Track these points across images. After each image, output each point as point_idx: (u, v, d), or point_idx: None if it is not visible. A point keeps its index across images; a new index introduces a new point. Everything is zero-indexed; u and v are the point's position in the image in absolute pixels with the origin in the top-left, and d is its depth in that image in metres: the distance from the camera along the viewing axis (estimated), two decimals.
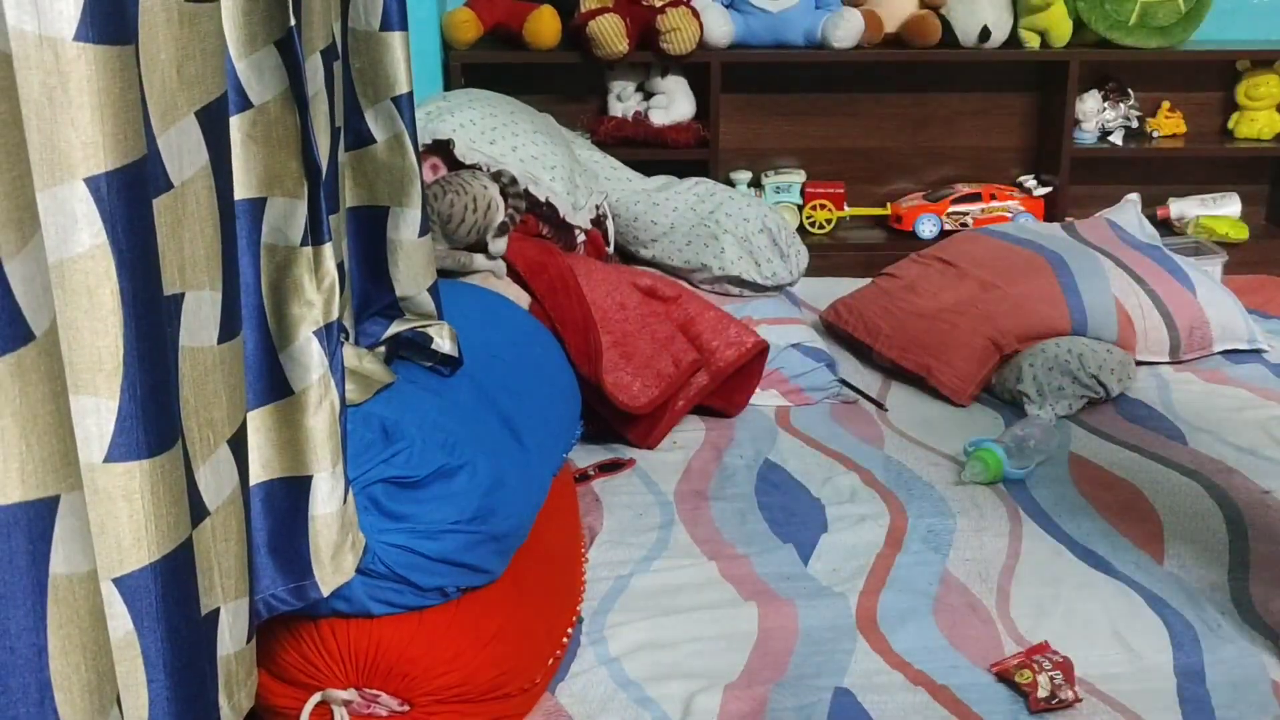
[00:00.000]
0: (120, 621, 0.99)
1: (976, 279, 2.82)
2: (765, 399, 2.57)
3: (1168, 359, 2.76)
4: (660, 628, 1.81)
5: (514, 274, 2.37)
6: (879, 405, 2.61)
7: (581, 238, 2.65)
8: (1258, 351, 2.84)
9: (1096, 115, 3.63)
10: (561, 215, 2.56)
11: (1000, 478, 2.24)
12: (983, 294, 2.75)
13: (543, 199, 2.52)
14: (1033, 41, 3.49)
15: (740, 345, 2.46)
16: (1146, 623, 1.82)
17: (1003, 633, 1.80)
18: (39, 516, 0.81)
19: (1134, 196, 3.34)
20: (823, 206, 3.65)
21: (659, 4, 3.31)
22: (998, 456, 2.24)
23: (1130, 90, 3.67)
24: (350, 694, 1.50)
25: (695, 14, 3.29)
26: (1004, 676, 1.67)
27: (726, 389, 2.48)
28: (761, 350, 2.49)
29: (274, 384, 1.29)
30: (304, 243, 1.28)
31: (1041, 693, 1.61)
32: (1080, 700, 1.63)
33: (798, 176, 3.68)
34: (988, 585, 1.92)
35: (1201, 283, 2.86)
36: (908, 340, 2.71)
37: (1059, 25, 3.47)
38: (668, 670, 1.71)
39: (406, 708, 1.52)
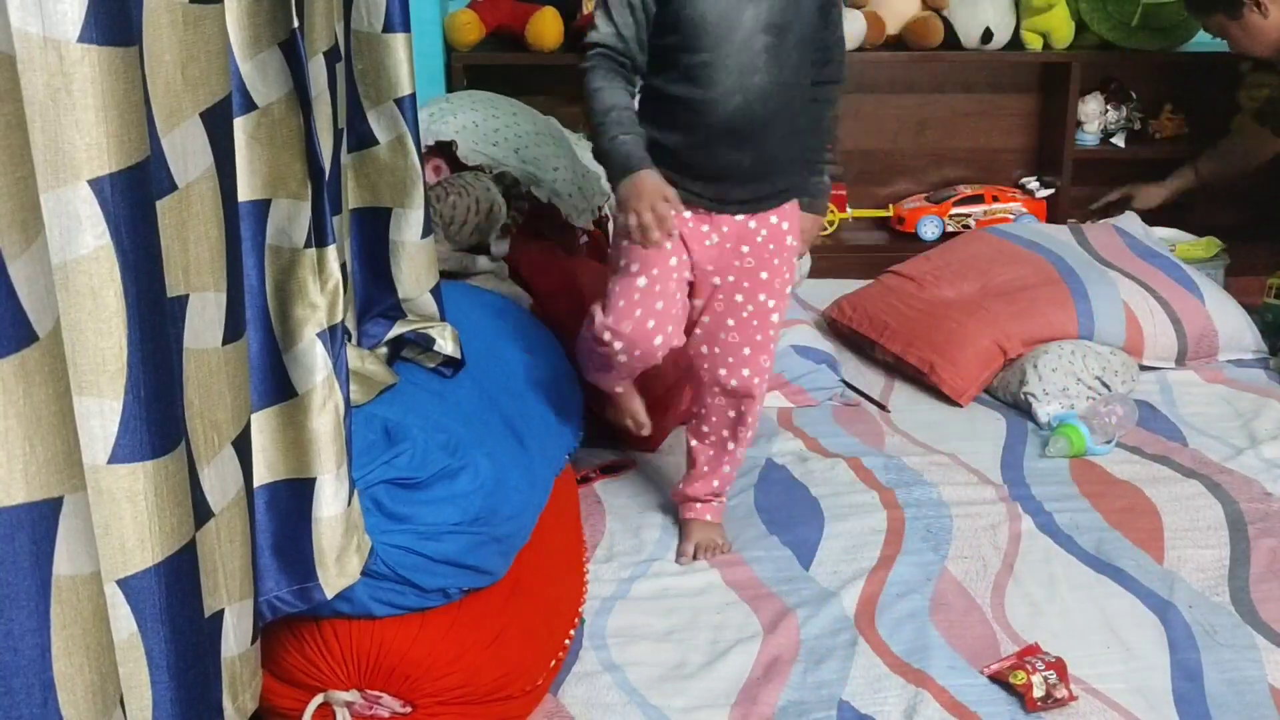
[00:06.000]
0: (124, 623, 0.99)
1: (984, 280, 2.81)
2: (768, 400, 2.56)
3: (1173, 365, 2.76)
4: (662, 632, 1.81)
5: (516, 275, 2.37)
6: (881, 407, 2.61)
7: (584, 239, 2.65)
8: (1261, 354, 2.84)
9: (1099, 117, 3.62)
10: (564, 216, 2.56)
11: (1083, 453, 2.27)
12: (990, 296, 2.75)
13: (545, 200, 2.51)
14: (1035, 43, 3.48)
15: None
16: (1144, 623, 1.82)
17: (999, 633, 1.80)
18: (42, 517, 0.81)
19: (1131, 215, 3.33)
20: None
21: None
22: (1081, 433, 2.27)
23: (1132, 92, 3.67)
24: (353, 695, 1.50)
25: None
26: (998, 679, 1.67)
27: None
28: None
29: (278, 386, 1.29)
30: (308, 244, 1.28)
31: (1037, 692, 1.61)
32: (1075, 699, 1.63)
33: None
34: (985, 585, 1.92)
35: (1210, 291, 2.85)
36: (912, 336, 2.71)
37: (1061, 27, 3.46)
38: (670, 675, 1.71)
39: (409, 709, 1.52)
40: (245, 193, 1.21)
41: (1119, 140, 3.66)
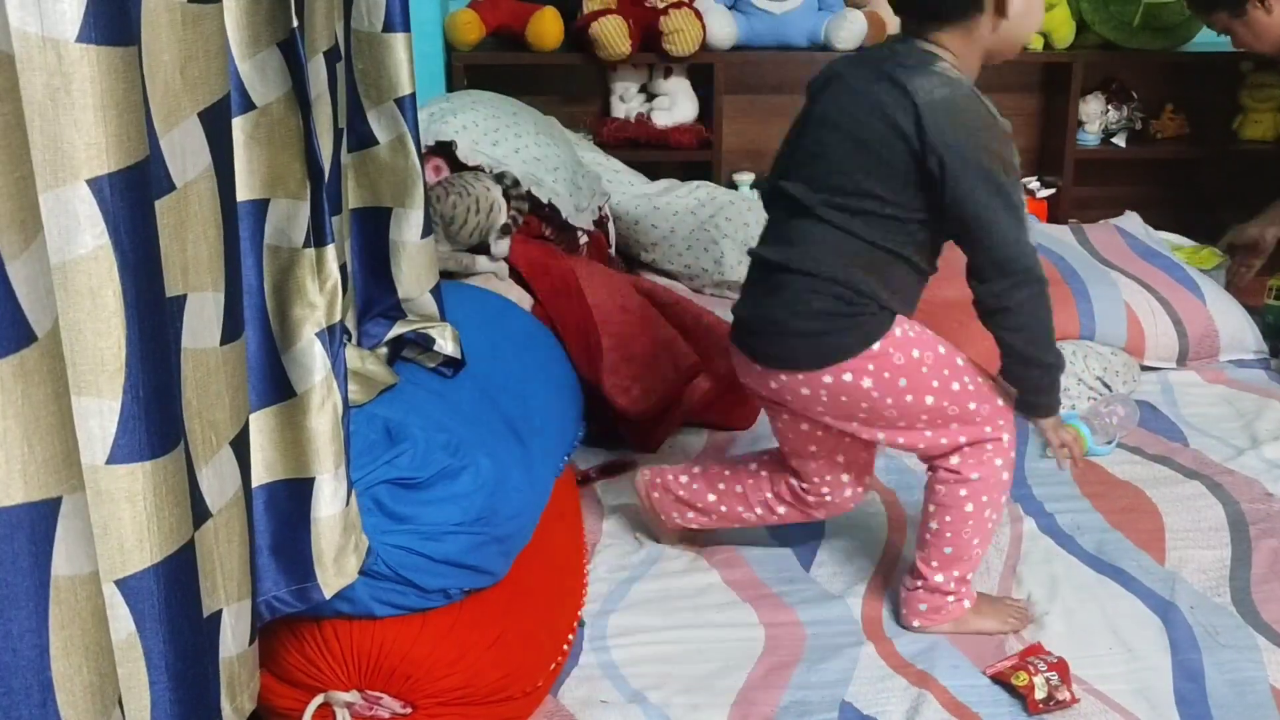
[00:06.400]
0: (122, 623, 0.99)
1: None
2: None
3: (1174, 366, 2.75)
4: (662, 632, 1.80)
5: (516, 276, 2.37)
6: None
7: (584, 239, 2.65)
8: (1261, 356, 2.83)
9: (1100, 117, 3.62)
10: (564, 217, 2.56)
11: (1084, 454, 2.28)
12: None
13: (545, 200, 2.51)
14: (1036, 43, 3.48)
15: None
16: (1145, 624, 1.82)
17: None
18: (41, 518, 0.81)
19: (1132, 215, 3.33)
20: None
21: (661, 5, 3.31)
22: (1082, 434, 2.27)
23: (1134, 92, 3.66)
24: (353, 696, 1.50)
25: (698, 15, 3.29)
26: (1000, 680, 1.67)
27: (728, 403, 2.47)
28: None
29: (277, 386, 1.29)
30: (307, 244, 1.28)
31: (1039, 694, 1.60)
32: (1078, 700, 1.63)
33: None
34: (987, 586, 1.92)
35: (1211, 292, 2.85)
36: None
37: (1062, 27, 3.46)
38: (670, 677, 1.70)
39: (409, 709, 1.52)
40: (244, 192, 1.21)
41: (1120, 140, 3.66)
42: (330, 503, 1.33)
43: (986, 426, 1.73)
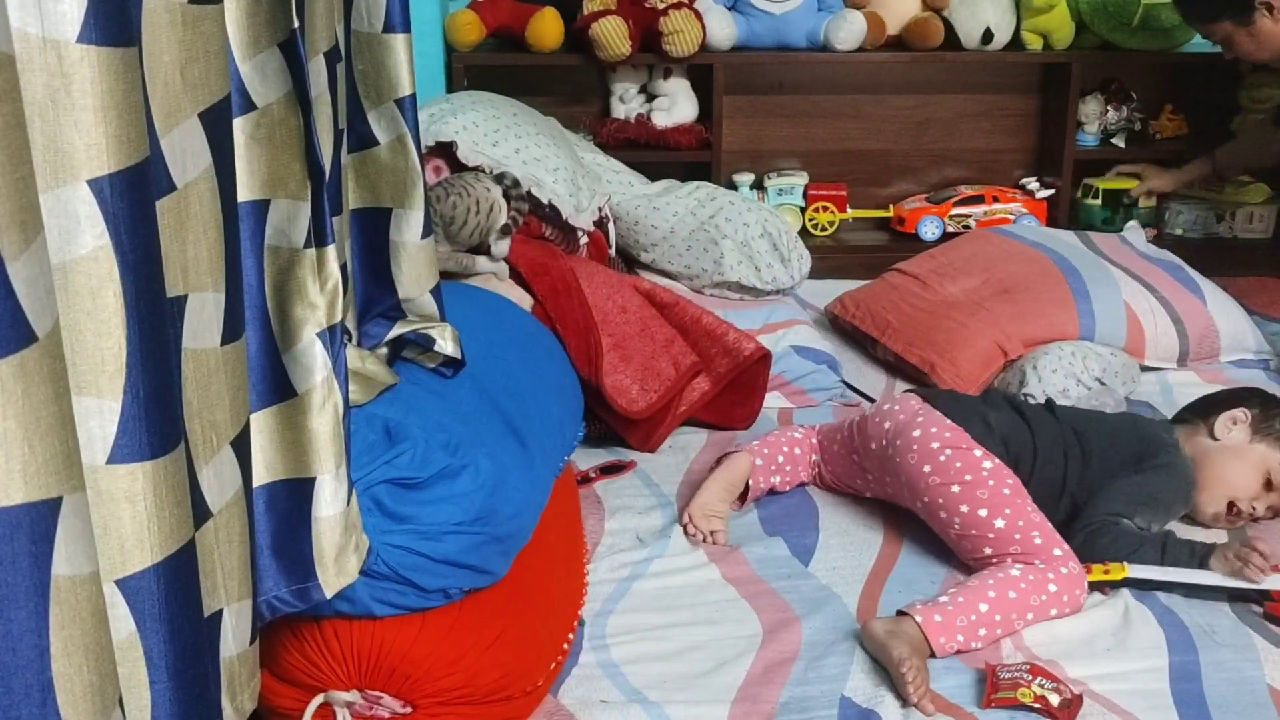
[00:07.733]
0: (123, 623, 0.99)
1: (988, 280, 2.81)
2: (768, 400, 2.57)
3: (1174, 366, 2.75)
4: (662, 631, 1.80)
5: (516, 276, 2.37)
6: None
7: (584, 239, 2.65)
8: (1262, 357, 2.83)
9: (1099, 117, 3.63)
10: (564, 217, 2.56)
11: None
12: (993, 296, 2.74)
13: (545, 201, 2.52)
14: (1035, 44, 3.48)
15: (739, 352, 2.45)
16: (1144, 623, 1.81)
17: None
18: (41, 518, 0.82)
19: (1133, 223, 3.34)
20: (825, 208, 3.65)
21: (661, 6, 3.31)
22: None
23: (1133, 93, 3.67)
24: (353, 695, 1.50)
25: (698, 16, 3.29)
26: (1006, 706, 1.60)
27: (728, 403, 2.47)
28: (762, 358, 2.48)
29: (277, 386, 1.29)
30: (307, 245, 1.28)
31: (1054, 701, 1.59)
32: (1080, 698, 1.63)
33: (800, 179, 3.67)
34: None
35: (1211, 293, 2.85)
36: (914, 335, 2.71)
37: (1062, 27, 3.46)
38: (670, 675, 1.71)
39: (409, 709, 1.52)
40: (244, 193, 1.21)
41: (1119, 141, 3.66)
42: (331, 503, 1.33)
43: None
